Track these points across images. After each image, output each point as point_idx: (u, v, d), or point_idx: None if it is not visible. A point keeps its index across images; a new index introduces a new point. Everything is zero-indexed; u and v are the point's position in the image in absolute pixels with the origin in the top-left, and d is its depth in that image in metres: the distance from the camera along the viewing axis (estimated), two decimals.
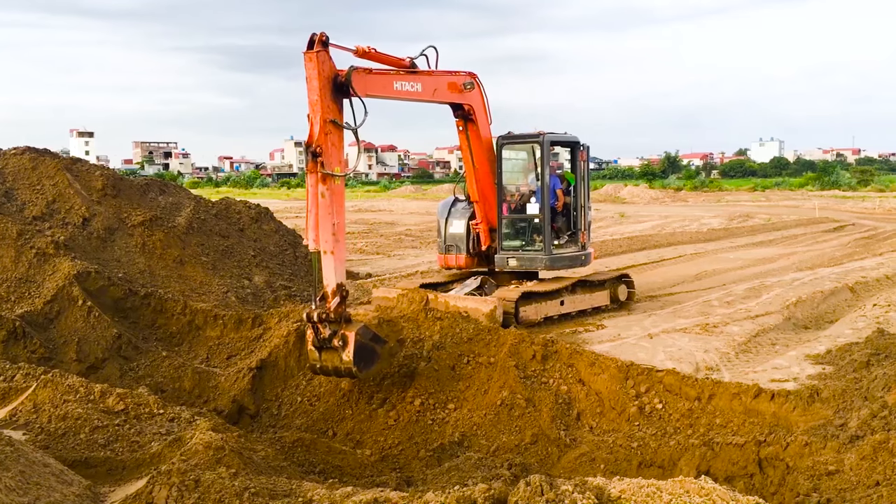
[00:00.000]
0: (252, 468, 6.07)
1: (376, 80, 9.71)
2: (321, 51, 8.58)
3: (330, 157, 8.43)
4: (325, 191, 8.38)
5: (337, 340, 8.22)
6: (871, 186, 62.58)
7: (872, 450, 5.87)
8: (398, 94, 10.26)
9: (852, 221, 32.73)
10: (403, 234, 28.61)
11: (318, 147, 8.36)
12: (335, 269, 8.35)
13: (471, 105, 12.08)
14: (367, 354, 8.39)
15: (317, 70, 8.50)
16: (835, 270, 17.43)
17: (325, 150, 8.39)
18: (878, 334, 10.17)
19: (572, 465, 7.46)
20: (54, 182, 14.12)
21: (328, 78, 8.66)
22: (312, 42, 8.56)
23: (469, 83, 11.83)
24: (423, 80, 10.76)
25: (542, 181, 12.86)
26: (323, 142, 8.41)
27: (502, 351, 9.07)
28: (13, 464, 5.17)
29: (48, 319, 10.72)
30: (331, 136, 8.54)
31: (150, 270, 13.36)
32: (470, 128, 12.41)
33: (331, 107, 8.63)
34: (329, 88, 8.65)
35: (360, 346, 8.26)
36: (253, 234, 16.42)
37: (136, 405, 7.58)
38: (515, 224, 13.17)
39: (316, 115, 8.49)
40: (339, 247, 8.50)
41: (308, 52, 8.57)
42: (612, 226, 32.16)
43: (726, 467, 6.61)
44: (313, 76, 8.52)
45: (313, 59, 8.51)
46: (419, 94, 10.67)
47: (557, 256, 13.01)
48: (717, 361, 10.11)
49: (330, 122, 8.56)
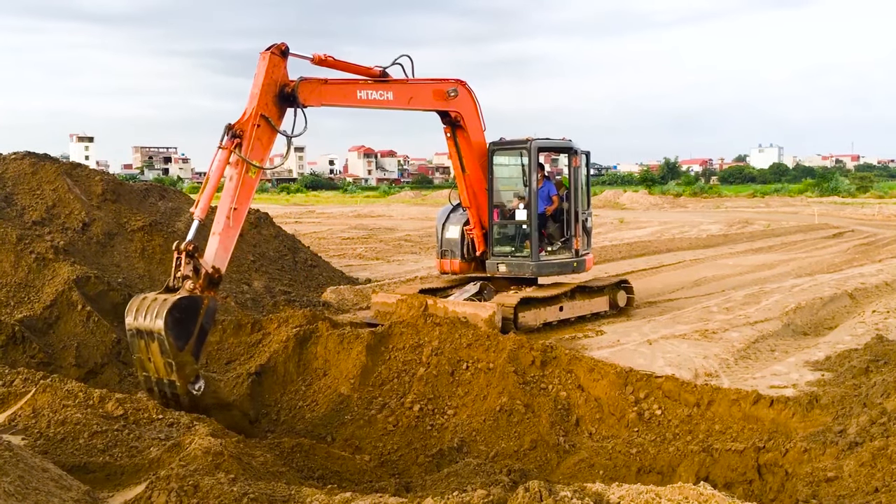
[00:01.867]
0: (251, 473, 6.07)
1: (333, 90, 10.01)
2: (274, 54, 9.02)
3: (251, 148, 8.65)
4: (235, 174, 8.56)
5: (190, 284, 7.88)
6: (871, 193, 62.67)
7: (871, 456, 5.87)
8: (364, 102, 10.47)
9: (851, 228, 32.75)
10: (403, 239, 28.61)
11: (240, 130, 8.62)
12: (216, 252, 8.30)
13: (458, 112, 12.11)
14: (186, 324, 7.71)
15: (265, 69, 8.93)
16: (834, 277, 17.44)
17: (248, 139, 8.62)
18: (878, 341, 10.17)
19: (571, 471, 7.46)
20: (54, 187, 14.13)
21: (274, 82, 9.05)
22: (271, 46, 9.05)
23: (453, 90, 11.89)
24: (394, 88, 10.85)
25: (529, 187, 12.88)
26: (248, 129, 8.68)
27: (501, 357, 9.07)
28: (12, 469, 5.16)
29: (47, 324, 10.72)
30: (259, 129, 8.79)
31: (150, 275, 13.36)
32: (459, 134, 12.47)
33: (269, 107, 8.96)
34: (272, 91, 9.02)
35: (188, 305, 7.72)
36: (252, 239, 16.44)
37: (135, 410, 7.56)
38: (505, 230, 13.20)
39: (251, 106, 8.82)
40: (229, 232, 8.51)
41: (263, 52, 9.04)
42: (612, 231, 32.17)
43: (725, 473, 6.61)
44: (260, 73, 8.95)
45: (265, 58, 9.01)
46: (390, 102, 10.79)
47: (545, 263, 13.01)
48: (716, 367, 10.11)
49: (262, 117, 8.83)
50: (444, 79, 11.86)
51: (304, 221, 37.35)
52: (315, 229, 32.25)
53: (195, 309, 7.84)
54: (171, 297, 7.74)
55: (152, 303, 7.77)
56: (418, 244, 26.92)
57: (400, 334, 9.87)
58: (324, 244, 25.23)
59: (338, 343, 9.79)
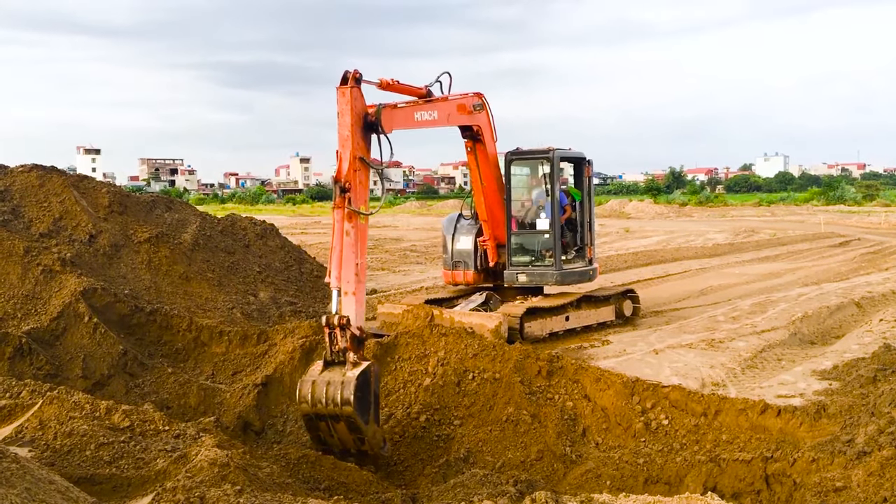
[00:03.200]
0: (257, 485, 6.06)
1: (400, 115, 9.75)
2: (354, 87, 8.57)
3: (357, 194, 8.37)
4: (351, 228, 8.31)
5: (352, 356, 7.87)
6: (877, 201, 62.58)
7: (880, 466, 5.84)
8: (418, 123, 10.39)
9: (858, 236, 32.66)
10: (408, 249, 28.64)
11: (348, 183, 8.30)
12: (355, 310, 8.20)
13: (479, 125, 12.23)
14: (365, 397, 7.81)
15: (350, 106, 8.48)
16: (841, 285, 17.39)
17: (354, 187, 8.32)
18: (885, 349, 10.13)
19: (578, 482, 7.44)
20: (61, 199, 14.19)
21: (359, 115, 8.64)
22: (346, 78, 8.56)
23: (478, 104, 12.06)
24: (438, 107, 10.96)
25: (552, 197, 12.90)
26: (352, 178, 8.35)
27: (507, 367, 9.06)
28: (19, 481, 5.17)
29: (54, 336, 10.75)
30: (359, 173, 8.48)
31: (156, 287, 13.40)
32: (478, 148, 12.56)
33: (360, 144, 8.60)
34: (360, 125, 8.63)
35: (364, 380, 7.79)
36: (258, 251, 16.46)
37: (142, 422, 7.58)
38: (525, 240, 13.21)
39: (346, 151, 8.42)
40: (360, 287, 8.40)
41: (341, 87, 8.56)
42: (618, 241, 32.14)
43: (733, 483, 6.59)
44: (346, 111, 8.49)
45: (346, 94, 8.50)
46: (436, 121, 10.86)
47: (568, 271, 13.04)
48: (722, 377, 10.08)
49: (359, 159, 8.50)
50: (466, 94, 11.99)
51: (310, 232, 37.39)
52: (321, 240, 32.28)
53: (368, 380, 7.89)
54: (349, 379, 7.68)
55: (328, 387, 7.72)
56: (424, 254, 26.93)
57: (406, 345, 9.88)
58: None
59: None
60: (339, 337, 7.86)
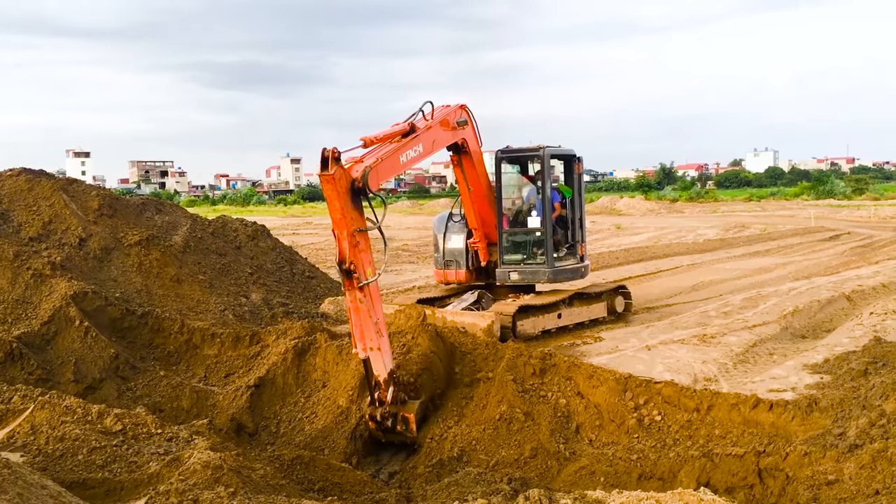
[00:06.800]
0: (251, 487, 6.06)
1: (385, 167, 9.27)
2: (337, 168, 8.14)
3: (361, 265, 8.17)
4: (364, 297, 8.16)
5: (400, 426, 8.63)
6: (866, 195, 62.81)
7: (871, 458, 5.87)
8: (405, 165, 9.95)
9: (848, 230, 32.80)
10: (400, 249, 28.60)
11: (352, 264, 8.08)
12: (384, 360, 8.38)
13: (465, 139, 12.03)
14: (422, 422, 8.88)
15: (335, 190, 8.09)
16: (831, 279, 17.45)
17: (358, 265, 8.11)
18: (876, 343, 10.18)
19: (572, 479, 7.45)
20: (50, 203, 14.13)
21: (346, 191, 8.25)
22: (325, 161, 8.08)
23: (462, 120, 11.69)
24: (422, 139, 10.39)
25: (543, 194, 12.89)
26: (354, 257, 8.10)
27: (500, 365, 9.07)
28: (11, 486, 5.15)
29: (45, 340, 10.70)
30: (359, 245, 8.22)
31: (147, 290, 13.35)
32: (464, 159, 12.41)
33: (353, 217, 8.27)
34: (349, 199, 8.27)
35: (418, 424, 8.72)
36: (250, 252, 16.42)
37: (134, 425, 7.56)
38: (516, 238, 13.20)
39: (342, 231, 8.14)
40: (384, 339, 8.41)
41: (324, 174, 8.08)
42: (609, 238, 32.20)
43: (726, 478, 6.61)
44: (333, 197, 8.10)
45: (331, 180, 8.05)
46: (422, 154, 10.43)
47: (560, 269, 13.03)
48: (715, 372, 10.11)
49: (356, 232, 8.22)
50: (448, 105, 11.64)
51: (302, 233, 37.33)
52: (312, 240, 32.24)
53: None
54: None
55: None
56: (416, 254, 26.92)
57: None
58: (321, 255, 25.19)
59: (336, 354, 9.79)
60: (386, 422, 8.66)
